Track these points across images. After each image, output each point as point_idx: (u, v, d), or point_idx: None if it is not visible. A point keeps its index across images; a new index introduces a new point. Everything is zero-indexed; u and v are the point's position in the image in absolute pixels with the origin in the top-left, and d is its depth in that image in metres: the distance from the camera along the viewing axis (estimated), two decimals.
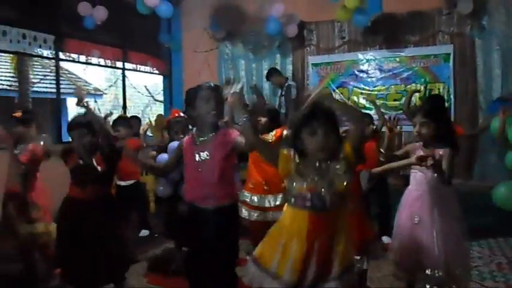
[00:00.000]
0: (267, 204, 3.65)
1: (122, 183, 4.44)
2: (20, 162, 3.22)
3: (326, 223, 1.97)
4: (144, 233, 4.74)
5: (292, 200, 2.02)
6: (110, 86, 7.22)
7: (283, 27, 6.12)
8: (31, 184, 3.27)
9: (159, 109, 7.92)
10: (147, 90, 7.98)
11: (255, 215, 3.67)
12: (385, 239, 4.16)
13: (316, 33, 6.62)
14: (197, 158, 2.47)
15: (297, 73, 6.73)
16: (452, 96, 5.93)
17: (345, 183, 1.97)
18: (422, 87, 6.08)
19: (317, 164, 1.99)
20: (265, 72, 6.70)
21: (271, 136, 3.55)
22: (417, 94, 5.94)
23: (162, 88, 7.83)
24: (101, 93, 11.00)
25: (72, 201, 2.80)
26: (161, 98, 7.92)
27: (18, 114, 3.33)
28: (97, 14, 5.65)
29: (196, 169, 2.47)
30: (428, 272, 2.55)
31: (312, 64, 6.67)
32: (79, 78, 11.45)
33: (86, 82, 12.00)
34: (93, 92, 11.50)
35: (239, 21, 6.49)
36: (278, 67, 6.63)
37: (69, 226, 2.76)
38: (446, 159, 2.54)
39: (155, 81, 8.18)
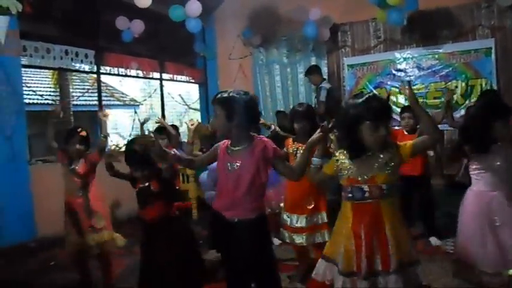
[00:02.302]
0: (289, 224, 3.43)
1: None
2: (78, 175, 3.33)
3: (368, 214, 2.05)
4: None
5: (342, 193, 2.16)
6: (150, 97, 7.36)
7: (318, 30, 6.09)
8: (91, 193, 3.37)
9: (195, 117, 8.04)
10: (182, 99, 8.11)
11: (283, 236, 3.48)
12: (433, 240, 4.08)
13: (350, 34, 6.58)
14: (229, 168, 2.43)
15: (332, 75, 6.69)
16: None
17: (387, 174, 2.05)
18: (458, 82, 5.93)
19: (363, 157, 2.08)
20: (300, 76, 6.70)
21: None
22: (457, 91, 5.82)
23: (197, 96, 7.94)
24: (138, 103, 11.30)
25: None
26: (197, 106, 8.02)
27: (83, 133, 3.40)
28: (134, 27, 5.81)
29: (226, 180, 2.44)
30: None
31: (348, 65, 6.62)
32: (116, 90, 11.81)
33: (123, 94, 12.35)
34: (130, 103, 11.81)
35: (274, 26, 6.50)
36: None
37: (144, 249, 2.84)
38: None
39: (187, 89, 8.28)
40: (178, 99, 7.89)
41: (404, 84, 2.63)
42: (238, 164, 2.40)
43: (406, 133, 4.14)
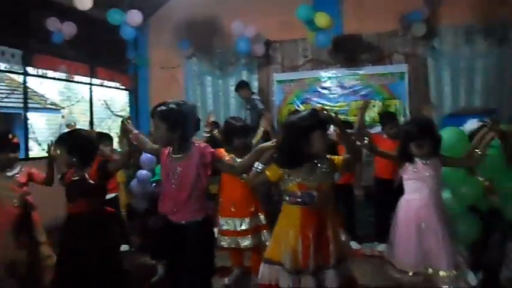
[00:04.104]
0: (232, 228, 3.55)
1: None
2: (18, 184, 3.23)
3: (316, 217, 2.31)
4: (124, 247, 4.64)
5: (287, 198, 2.38)
6: (78, 101, 7.11)
7: (251, 46, 6.36)
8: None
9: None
10: (107, 105, 7.93)
11: (224, 242, 3.58)
12: (353, 244, 4.49)
13: (280, 51, 6.92)
14: (171, 173, 2.56)
15: (262, 89, 6.97)
16: (407, 112, 6.36)
17: (330, 182, 2.38)
18: (376, 102, 6.47)
19: (308, 166, 2.34)
20: (231, 88, 6.90)
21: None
22: (375, 109, 6.36)
23: (123, 103, 7.81)
24: (59, 108, 10.81)
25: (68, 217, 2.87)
26: (123, 113, 7.87)
27: (16, 140, 3.32)
28: (66, 30, 5.68)
29: (170, 183, 2.57)
30: (442, 273, 2.75)
31: (277, 81, 6.95)
32: (36, 93, 11.19)
33: (43, 97, 11.74)
34: (51, 107, 11.26)
35: (208, 38, 6.67)
36: None
37: (65, 241, 2.83)
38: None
39: (111, 96, 8.06)
40: (103, 106, 7.70)
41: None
42: (179, 170, 2.55)
43: (385, 137, 4.63)
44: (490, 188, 3.35)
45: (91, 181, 2.80)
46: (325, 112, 2.37)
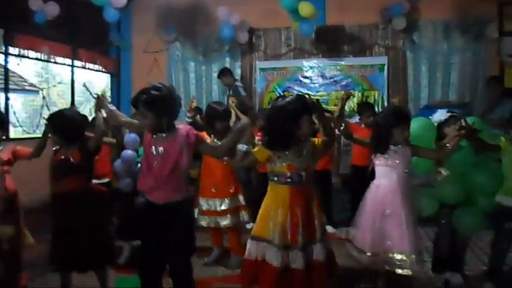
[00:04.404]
0: (213, 208, 3.70)
1: (96, 181, 4.46)
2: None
3: (303, 195, 2.50)
4: None
5: (275, 178, 2.52)
6: (60, 83, 7.02)
7: (235, 33, 6.42)
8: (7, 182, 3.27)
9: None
10: (86, 88, 7.84)
11: (204, 222, 3.74)
12: (329, 228, 4.64)
13: (264, 39, 6.99)
14: (154, 151, 2.58)
15: (245, 77, 7.04)
16: (386, 103, 6.52)
17: (314, 164, 2.59)
18: (355, 92, 6.58)
19: (296, 148, 2.50)
20: (214, 74, 6.96)
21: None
22: (355, 99, 6.51)
23: (103, 86, 7.74)
24: (37, 89, 10.64)
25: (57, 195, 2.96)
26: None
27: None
28: (49, 10, 5.63)
29: (151, 162, 2.59)
30: (401, 256, 2.90)
31: (260, 69, 7.03)
32: (13, 73, 10.98)
33: (21, 77, 11.52)
34: (30, 88, 11.09)
35: (192, 23, 6.69)
36: None
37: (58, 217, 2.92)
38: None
39: (89, 79, 7.95)
40: (84, 88, 7.61)
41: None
42: (163, 148, 2.58)
43: (362, 126, 4.81)
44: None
45: (74, 160, 2.88)
46: (309, 98, 2.59)
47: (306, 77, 6.90)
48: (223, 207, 3.66)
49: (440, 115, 3.68)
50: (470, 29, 6.20)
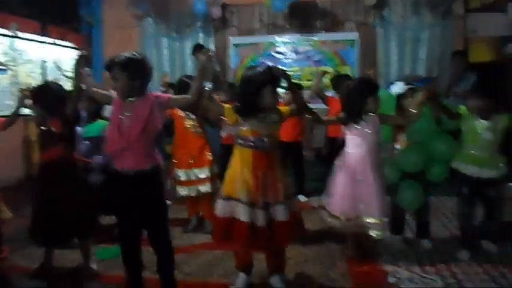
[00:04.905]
0: (193, 178, 3.86)
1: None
2: None
3: (265, 159, 2.67)
4: None
5: (241, 141, 2.70)
6: (27, 62, 6.84)
7: (208, 8, 6.42)
8: None
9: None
10: (57, 66, 7.72)
11: (184, 191, 3.90)
12: (301, 197, 4.89)
13: (237, 15, 7.01)
14: (123, 115, 2.56)
15: (218, 52, 7.05)
16: None
17: (277, 131, 2.74)
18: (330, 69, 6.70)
19: (261, 116, 2.67)
20: (188, 50, 6.95)
21: None
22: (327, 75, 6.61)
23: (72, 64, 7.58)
24: (5, 68, 10.34)
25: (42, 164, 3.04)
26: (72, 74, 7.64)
27: None
28: None
29: (120, 125, 2.56)
30: (372, 220, 3.12)
31: (234, 44, 7.07)
32: None
33: None
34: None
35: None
36: None
37: (40, 187, 2.98)
38: None
39: (61, 56, 7.78)
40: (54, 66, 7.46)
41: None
42: (133, 110, 2.56)
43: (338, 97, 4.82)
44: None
45: (55, 130, 2.95)
46: (278, 69, 2.71)
47: (279, 53, 6.98)
48: (203, 176, 3.84)
49: (398, 88, 3.81)
50: (438, 5, 6.38)
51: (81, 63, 2.91)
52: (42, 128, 3.00)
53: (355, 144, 3.22)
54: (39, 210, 2.98)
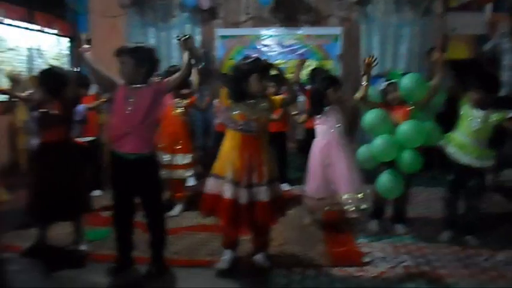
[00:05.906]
0: (175, 163, 4.16)
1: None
2: None
3: (253, 143, 2.88)
4: (96, 193, 4.72)
5: (231, 125, 2.91)
6: (10, 49, 6.78)
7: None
8: None
9: None
10: (41, 53, 7.70)
11: (166, 175, 4.06)
12: (285, 186, 5.06)
13: (224, 6, 7.10)
14: (127, 100, 2.77)
15: (205, 43, 7.14)
16: (338, 73, 6.85)
17: (266, 117, 2.95)
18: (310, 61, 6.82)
19: (250, 102, 2.88)
20: (174, 41, 7.01)
21: None
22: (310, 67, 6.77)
23: (60, 51, 7.58)
24: None
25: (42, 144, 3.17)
26: (56, 62, 7.63)
27: None
28: None
29: (124, 110, 2.77)
30: (345, 196, 3.59)
31: (220, 36, 7.17)
32: None
33: None
34: None
35: None
36: None
37: (39, 167, 3.09)
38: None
39: (44, 43, 7.70)
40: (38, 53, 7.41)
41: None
42: (136, 97, 2.78)
43: None
44: None
45: (55, 112, 3.04)
46: (265, 60, 2.97)
47: (264, 45, 7.11)
48: (186, 161, 4.19)
49: (379, 84, 4.04)
50: (419, 3, 6.61)
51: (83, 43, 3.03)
52: (42, 110, 3.10)
53: (321, 132, 3.80)
54: (36, 190, 3.07)
